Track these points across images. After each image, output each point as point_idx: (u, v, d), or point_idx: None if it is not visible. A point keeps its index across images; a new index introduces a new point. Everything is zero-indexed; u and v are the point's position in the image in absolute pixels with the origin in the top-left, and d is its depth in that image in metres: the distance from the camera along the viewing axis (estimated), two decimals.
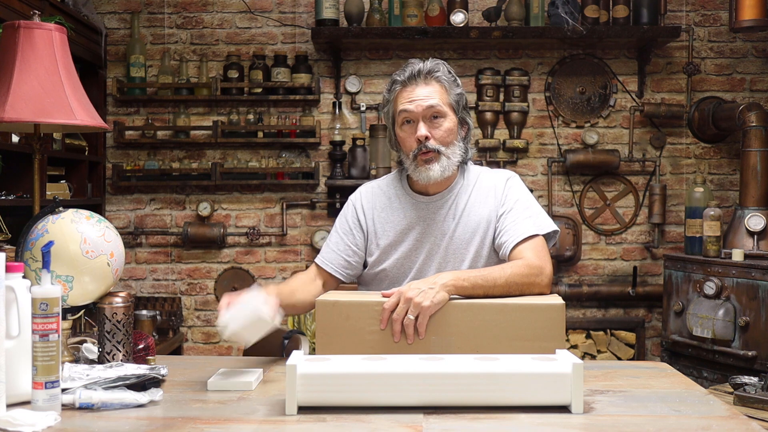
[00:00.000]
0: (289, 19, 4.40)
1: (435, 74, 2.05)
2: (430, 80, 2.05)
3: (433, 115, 2.03)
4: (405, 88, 2.06)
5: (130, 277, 4.40)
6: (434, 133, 2.04)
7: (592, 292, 4.33)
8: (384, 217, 2.13)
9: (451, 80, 2.08)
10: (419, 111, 2.03)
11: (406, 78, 2.05)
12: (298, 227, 4.40)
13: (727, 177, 4.38)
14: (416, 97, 2.03)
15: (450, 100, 2.06)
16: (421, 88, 2.04)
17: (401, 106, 2.05)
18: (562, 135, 4.39)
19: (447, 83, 2.06)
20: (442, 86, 2.06)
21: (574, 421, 1.39)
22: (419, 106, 2.03)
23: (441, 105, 2.04)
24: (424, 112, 2.03)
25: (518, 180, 2.15)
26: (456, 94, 2.07)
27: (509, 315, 1.75)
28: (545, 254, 1.97)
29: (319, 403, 1.45)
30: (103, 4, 4.40)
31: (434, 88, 2.05)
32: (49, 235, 1.65)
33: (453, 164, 2.06)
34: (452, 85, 2.08)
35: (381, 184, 2.21)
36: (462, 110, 2.10)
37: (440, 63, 2.09)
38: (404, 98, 2.05)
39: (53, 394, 1.42)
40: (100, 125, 2.01)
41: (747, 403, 2.36)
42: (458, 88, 2.09)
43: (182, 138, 4.34)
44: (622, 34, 4.11)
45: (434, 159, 2.03)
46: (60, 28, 2.00)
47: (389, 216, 2.13)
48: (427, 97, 2.03)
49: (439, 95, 2.04)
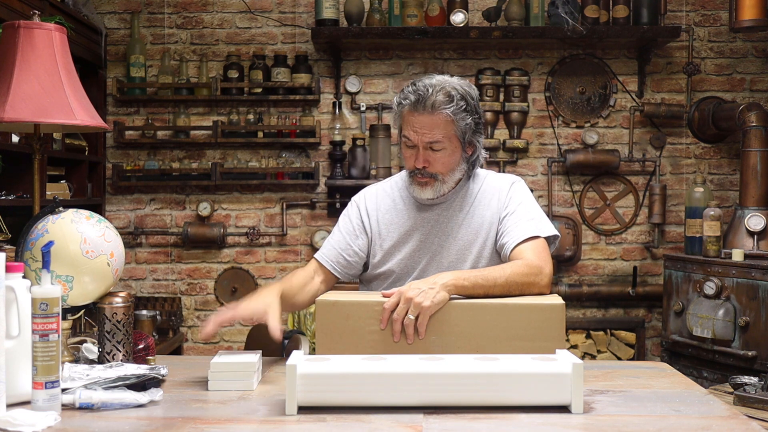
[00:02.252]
0: (289, 19, 4.40)
1: (442, 108, 1.97)
2: (436, 112, 1.98)
3: (432, 148, 2.01)
4: (411, 112, 2.01)
5: (130, 277, 4.40)
6: (433, 162, 2.02)
7: (592, 292, 4.33)
8: (388, 219, 2.14)
9: (461, 110, 1.99)
10: (420, 143, 2.01)
11: (413, 102, 1.99)
12: (298, 227, 4.40)
13: (727, 177, 4.38)
14: (419, 126, 1.99)
15: (456, 132, 2.01)
16: (425, 117, 1.98)
17: (404, 129, 2.03)
18: (562, 135, 4.39)
19: (455, 116, 1.99)
20: (448, 120, 1.99)
21: (574, 421, 1.39)
22: (419, 140, 2.00)
23: (442, 140, 1.99)
24: (424, 144, 2.00)
25: (523, 185, 2.15)
26: (465, 125, 2.00)
27: (509, 315, 1.75)
28: (545, 255, 1.97)
29: (319, 403, 1.45)
30: (103, 4, 4.40)
31: (438, 121, 1.98)
32: (49, 235, 1.65)
33: (449, 186, 2.07)
34: (461, 115, 2.00)
35: (385, 187, 2.21)
36: (470, 136, 2.03)
37: (452, 88, 1.99)
38: (408, 122, 2.01)
39: (53, 394, 1.42)
40: (100, 125, 2.01)
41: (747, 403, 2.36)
42: (468, 117, 2.01)
43: (182, 138, 4.34)
44: (622, 34, 4.11)
45: (428, 184, 2.05)
46: (60, 28, 2.00)
47: (393, 218, 2.13)
48: (429, 130, 1.98)
49: (443, 128, 1.99)
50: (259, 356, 1.69)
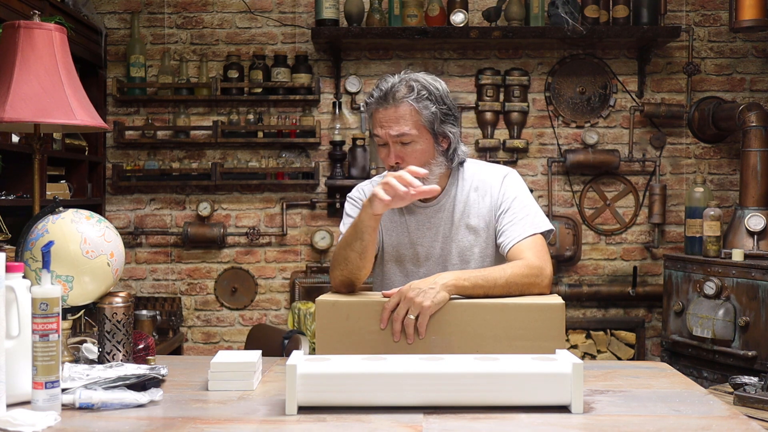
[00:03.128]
0: (289, 19, 4.40)
1: (406, 98, 1.97)
2: (400, 103, 1.98)
3: (402, 141, 1.99)
4: (377, 109, 2.01)
5: (130, 277, 4.40)
6: (405, 157, 1.99)
7: (592, 292, 4.33)
8: (385, 216, 2.11)
9: (423, 98, 1.98)
10: (389, 138, 1.99)
11: (377, 98, 2.00)
12: (298, 227, 4.40)
13: (727, 177, 4.38)
14: (386, 121, 1.99)
15: (422, 121, 1.99)
16: (390, 111, 1.98)
17: (374, 128, 2.02)
18: (562, 135, 4.39)
19: (418, 105, 1.98)
20: (412, 109, 1.98)
21: (574, 421, 1.39)
22: (387, 133, 1.98)
23: (409, 131, 1.97)
24: (392, 138, 1.99)
25: (515, 176, 2.12)
26: (430, 113, 1.99)
27: (509, 315, 1.75)
28: (545, 254, 1.97)
29: (319, 403, 1.45)
30: (103, 4, 4.40)
31: (403, 112, 1.98)
32: (49, 235, 1.65)
33: (431, 181, 1.99)
34: (425, 104, 1.98)
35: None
36: (439, 125, 2.01)
37: (413, 80, 2.00)
38: (377, 120, 2.01)
39: (53, 394, 1.41)
40: (100, 125, 2.01)
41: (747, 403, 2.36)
42: (433, 106, 1.99)
43: (182, 138, 4.34)
44: (622, 34, 4.11)
45: None
46: (60, 28, 2.00)
47: (390, 216, 2.12)
48: (395, 122, 1.97)
49: (409, 118, 1.98)
50: (259, 356, 1.69)
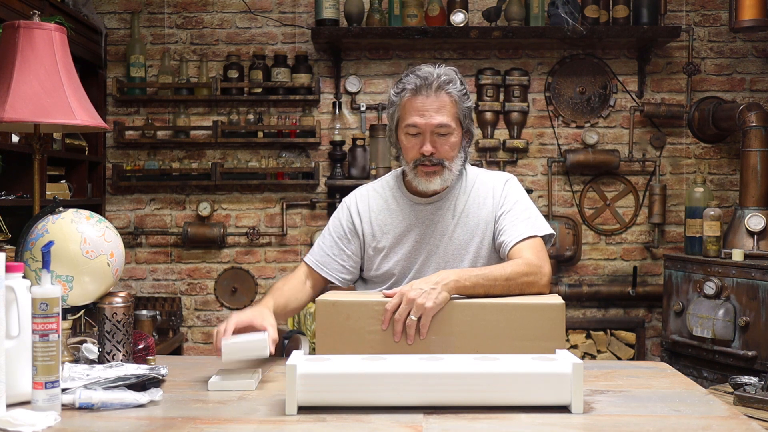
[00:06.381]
0: (289, 19, 4.40)
1: (447, 88, 1.98)
2: (442, 93, 1.98)
3: (439, 132, 2.00)
4: (415, 97, 1.99)
5: (130, 277, 4.40)
6: (440, 148, 2.00)
7: (592, 292, 4.33)
8: (381, 220, 2.11)
9: (462, 93, 2.01)
10: (428, 128, 1.98)
11: (417, 86, 1.98)
12: (298, 227, 4.40)
13: (727, 177, 4.38)
14: (426, 110, 1.97)
15: (458, 115, 2.01)
16: (432, 100, 1.97)
17: (410, 117, 2.00)
18: (562, 135, 4.39)
19: (458, 97, 2.00)
20: (453, 100, 1.99)
21: (574, 421, 1.39)
22: (429, 123, 1.97)
23: (449, 122, 1.98)
24: (432, 128, 1.98)
25: (516, 182, 2.14)
26: (465, 108, 2.02)
27: (509, 315, 1.75)
28: (544, 254, 1.98)
29: (319, 403, 1.45)
30: (103, 4, 4.40)
31: (445, 102, 1.98)
32: (49, 235, 1.65)
33: (454, 175, 2.04)
34: (463, 99, 2.01)
35: (376, 187, 2.18)
36: (469, 122, 2.05)
37: (454, 74, 2.02)
38: (413, 108, 1.99)
39: (53, 394, 1.41)
40: (100, 125, 2.01)
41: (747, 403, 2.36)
42: (468, 101, 2.03)
43: (182, 138, 4.34)
44: (622, 34, 4.11)
45: (437, 173, 2.02)
46: (60, 28, 2.00)
47: (387, 218, 2.11)
48: (437, 112, 1.97)
49: (448, 110, 1.99)
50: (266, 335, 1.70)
